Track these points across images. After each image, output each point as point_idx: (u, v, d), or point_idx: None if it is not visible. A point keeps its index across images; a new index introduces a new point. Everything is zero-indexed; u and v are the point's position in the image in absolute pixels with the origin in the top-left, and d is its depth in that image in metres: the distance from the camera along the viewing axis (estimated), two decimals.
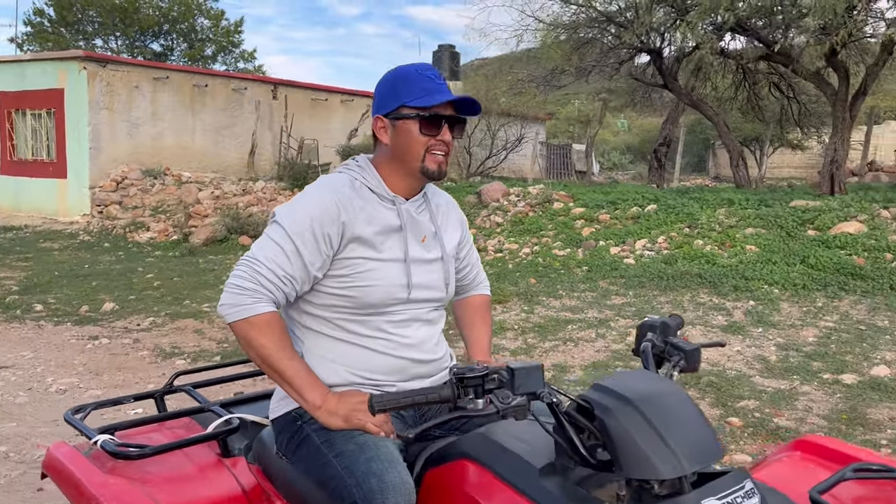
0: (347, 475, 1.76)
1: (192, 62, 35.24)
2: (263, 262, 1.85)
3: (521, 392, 1.52)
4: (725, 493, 1.46)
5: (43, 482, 4.09)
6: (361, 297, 1.92)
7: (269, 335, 1.83)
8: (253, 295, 1.83)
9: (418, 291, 1.99)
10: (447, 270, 2.07)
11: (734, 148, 14.07)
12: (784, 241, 8.77)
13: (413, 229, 2.01)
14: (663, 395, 1.56)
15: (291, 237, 1.86)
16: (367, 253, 1.92)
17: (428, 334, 2.06)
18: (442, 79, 1.97)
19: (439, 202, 2.15)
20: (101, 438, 2.15)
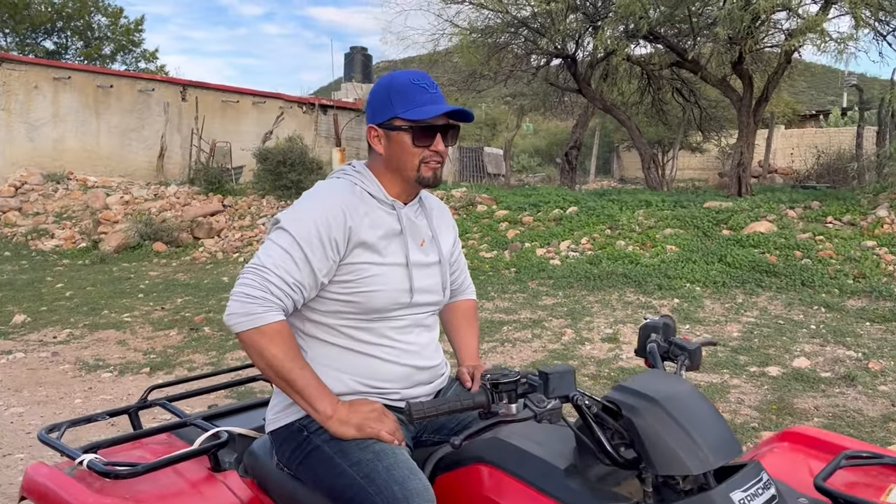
0: (368, 484, 1.74)
1: (90, 61, 33.75)
2: (272, 270, 1.81)
3: (555, 395, 1.55)
4: (748, 484, 1.53)
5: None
6: (366, 303, 1.92)
7: (279, 344, 1.80)
8: (263, 303, 1.79)
9: (420, 295, 1.99)
10: (444, 274, 2.08)
11: (645, 151, 14.58)
12: (701, 241, 9.17)
13: (413, 233, 2.02)
14: (684, 394, 1.63)
15: (299, 243, 1.84)
16: (372, 258, 1.92)
17: (428, 340, 2.07)
18: (436, 87, 1.98)
19: (433, 206, 2.17)
20: (87, 458, 2.06)
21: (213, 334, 7.24)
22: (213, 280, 10.26)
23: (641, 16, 10.83)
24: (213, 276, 10.60)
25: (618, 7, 11.25)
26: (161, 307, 8.51)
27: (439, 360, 2.11)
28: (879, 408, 4.90)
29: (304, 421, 1.91)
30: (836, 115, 27.11)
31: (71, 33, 35.08)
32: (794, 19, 11.09)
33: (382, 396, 1.96)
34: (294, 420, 1.95)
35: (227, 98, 20.01)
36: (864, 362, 5.73)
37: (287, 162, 13.46)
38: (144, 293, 9.37)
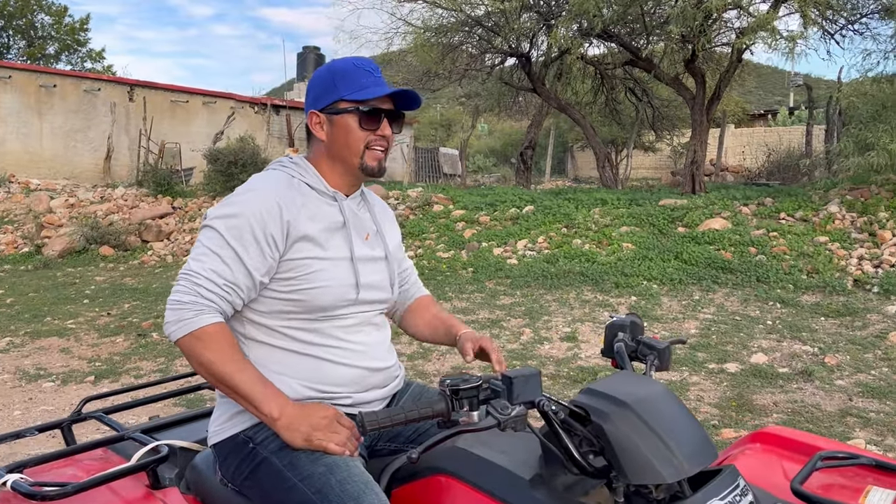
0: (320, 499, 1.62)
1: (33, 61, 32.79)
2: (200, 273, 1.71)
3: (519, 401, 1.44)
4: (726, 492, 1.44)
5: None
6: (310, 301, 1.80)
7: (215, 348, 1.68)
8: (193, 308, 1.69)
9: (367, 292, 1.88)
10: (392, 270, 1.98)
11: (600, 150, 14.64)
12: (657, 239, 9.18)
13: (356, 226, 1.91)
14: (656, 396, 1.53)
15: (229, 242, 1.73)
16: (314, 252, 1.80)
17: (379, 339, 1.95)
18: (379, 72, 1.89)
19: (374, 200, 2.07)
20: (11, 478, 1.88)
21: (162, 340, 6.99)
22: (162, 284, 9.96)
23: (595, 14, 10.83)
24: (162, 281, 10.29)
25: (571, 6, 11.25)
26: (107, 313, 8.22)
27: (393, 361, 2.00)
28: (837, 402, 4.91)
29: (249, 432, 1.78)
30: (784, 115, 27.69)
31: (13, 32, 34.10)
32: (745, 18, 11.21)
33: (334, 401, 1.84)
34: (239, 431, 1.81)
35: (176, 98, 19.56)
36: (821, 357, 5.76)
37: (238, 162, 13.18)
38: (90, 299, 9.05)
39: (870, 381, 5.24)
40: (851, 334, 6.30)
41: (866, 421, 4.57)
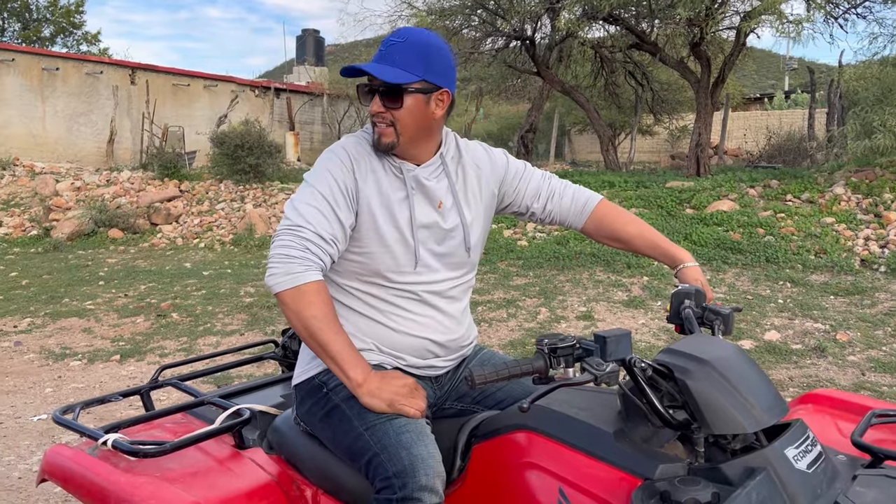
0: (381, 450, 1.74)
1: (29, 44, 32.61)
2: (306, 227, 1.79)
3: (613, 359, 1.56)
4: (799, 441, 1.57)
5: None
6: (369, 263, 1.89)
7: (318, 305, 1.75)
8: (302, 263, 1.76)
9: (429, 260, 1.94)
10: (466, 237, 1.99)
11: (604, 133, 14.73)
12: (666, 220, 9.31)
13: (425, 196, 1.94)
14: (731, 355, 1.65)
15: (324, 196, 1.82)
16: (376, 216, 1.88)
17: (449, 311, 2.00)
18: (391, 45, 1.87)
19: (469, 163, 2.04)
20: (112, 437, 2.01)
21: (182, 320, 7.10)
22: (176, 266, 10.05)
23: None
24: (174, 263, 10.39)
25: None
26: (124, 294, 8.32)
27: (461, 332, 2.04)
28: (850, 377, 5.05)
29: (323, 376, 1.88)
30: (780, 99, 27.78)
31: (7, 15, 33.85)
32: (750, 1, 11.30)
33: (400, 365, 1.94)
34: (314, 374, 1.92)
35: (177, 81, 19.55)
36: (832, 334, 5.91)
37: (245, 146, 13.21)
38: (105, 280, 9.14)
39: (881, 356, 5.39)
40: (861, 312, 6.45)
41: (880, 394, 4.72)
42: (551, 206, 2.17)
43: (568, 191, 2.19)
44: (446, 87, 1.92)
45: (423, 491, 1.68)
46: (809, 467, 1.54)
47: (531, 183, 2.16)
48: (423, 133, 1.93)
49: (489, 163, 2.10)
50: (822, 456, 1.59)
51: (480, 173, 2.07)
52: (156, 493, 1.82)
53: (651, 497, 1.48)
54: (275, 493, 1.99)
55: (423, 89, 1.87)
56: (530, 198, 2.16)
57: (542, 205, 2.17)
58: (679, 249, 2.16)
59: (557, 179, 2.22)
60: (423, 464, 1.70)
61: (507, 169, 2.13)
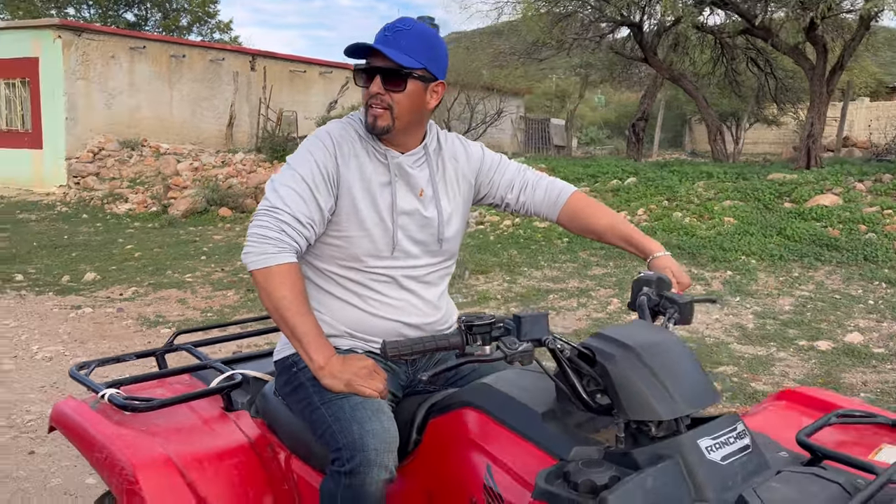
0: (334, 422, 1.82)
1: (167, 33, 34.68)
2: (283, 209, 1.85)
3: (527, 339, 1.58)
4: (719, 433, 1.54)
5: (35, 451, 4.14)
6: (347, 248, 1.95)
7: (288, 286, 1.82)
8: (277, 244, 1.84)
9: (407, 246, 1.99)
10: (441, 229, 2.04)
11: (713, 122, 14.21)
12: (762, 214, 8.93)
13: (407, 183, 2.00)
14: (662, 343, 1.64)
15: (304, 179, 1.89)
16: (356, 201, 1.94)
17: (425, 296, 2.05)
18: (395, 30, 1.91)
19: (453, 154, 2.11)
20: (109, 392, 2.20)
21: None
22: None
23: None
24: None
25: None
26: (221, 269, 8.80)
27: (437, 316, 2.09)
28: None
29: (294, 356, 1.97)
30: None
31: (150, 5, 36.06)
32: None
33: (371, 349, 1.99)
34: (289, 354, 2.02)
35: (294, 68, 20.31)
36: None
37: None
38: (207, 256, 9.69)
39: None
40: None
41: None
42: (524, 198, 2.20)
43: (542, 183, 2.21)
44: (442, 79, 1.98)
45: (372, 465, 1.75)
46: (724, 459, 1.51)
47: (505, 175, 2.20)
48: (416, 121, 1.99)
49: (465, 155, 2.15)
50: (746, 449, 1.56)
51: (458, 165, 2.13)
52: (132, 444, 1.99)
53: (556, 478, 1.50)
54: (247, 453, 2.12)
55: (424, 77, 1.92)
56: (504, 189, 2.20)
57: (516, 196, 2.20)
58: (650, 241, 2.14)
59: (533, 172, 2.25)
60: (375, 438, 1.77)
61: (483, 161, 2.18)
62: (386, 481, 1.77)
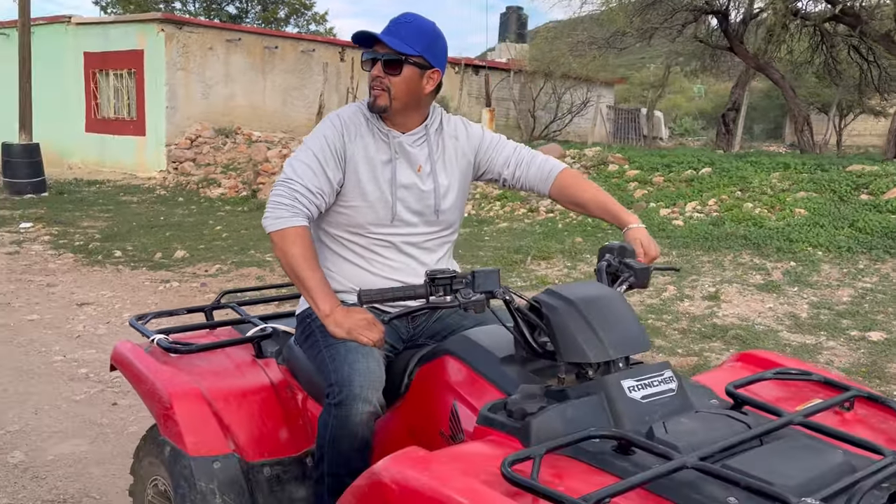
0: (330, 362, 2.12)
1: (266, 24, 36.02)
2: (296, 180, 2.18)
3: (481, 291, 1.85)
4: (643, 376, 1.76)
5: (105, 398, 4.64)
6: (353, 216, 2.25)
7: (298, 246, 2.14)
8: (290, 209, 2.16)
9: (406, 216, 2.27)
10: (438, 200, 2.31)
11: (799, 112, 13.87)
12: (835, 205, 8.77)
13: (407, 160, 2.28)
14: (601, 298, 1.87)
15: (316, 155, 2.21)
16: (360, 175, 2.24)
17: (424, 261, 2.31)
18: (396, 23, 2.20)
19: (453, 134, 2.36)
20: (157, 337, 2.58)
21: None
22: None
23: None
24: None
25: None
26: None
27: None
28: None
29: (310, 310, 2.28)
30: None
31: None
32: None
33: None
34: (305, 308, 2.34)
35: None
36: None
37: None
38: None
39: None
40: None
41: None
42: (519, 173, 2.44)
43: (536, 160, 2.45)
44: (439, 68, 2.26)
45: (357, 399, 2.04)
46: (644, 398, 1.74)
47: (503, 153, 2.44)
48: (413, 103, 2.26)
49: (466, 135, 2.41)
50: (670, 392, 1.78)
51: (458, 144, 2.39)
52: (170, 378, 2.36)
53: (498, 409, 1.77)
54: (269, 393, 2.46)
55: (419, 64, 2.20)
56: (501, 166, 2.44)
57: (512, 172, 2.45)
58: (626, 213, 2.35)
59: (528, 151, 2.48)
60: (360, 376, 2.06)
61: (483, 140, 2.44)
62: (370, 414, 2.05)
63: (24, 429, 4.23)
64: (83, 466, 3.82)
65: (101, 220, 11.73)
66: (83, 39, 18.13)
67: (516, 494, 1.38)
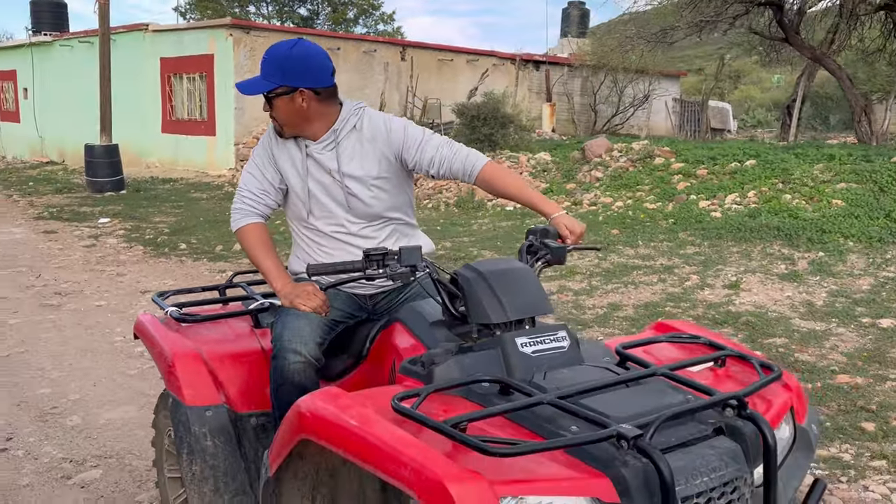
0: (276, 325, 2.60)
1: (336, 25, 37.01)
2: (244, 188, 2.73)
3: (406, 264, 2.23)
4: (536, 336, 2.10)
5: None
6: (294, 210, 2.74)
7: (251, 239, 2.70)
8: (241, 212, 2.72)
9: (318, 210, 2.67)
10: (346, 195, 2.64)
11: (856, 102, 13.63)
12: (874, 196, 8.73)
13: (316, 163, 2.65)
14: (509, 271, 2.22)
15: (256, 164, 2.73)
16: (286, 179, 2.69)
17: (358, 246, 2.63)
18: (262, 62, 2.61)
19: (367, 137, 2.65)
20: (170, 309, 3.05)
21: None
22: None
23: None
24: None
25: None
26: None
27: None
28: None
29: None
30: None
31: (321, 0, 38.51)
32: None
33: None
34: None
35: (442, 57, 21.27)
36: None
37: (481, 116, 14.33)
38: None
39: None
40: None
41: None
42: (444, 171, 2.66)
43: (459, 156, 2.65)
44: (305, 87, 2.56)
45: (286, 351, 2.49)
46: (535, 353, 2.08)
47: (426, 152, 2.65)
48: (302, 121, 2.61)
49: (386, 135, 2.67)
50: (561, 349, 2.11)
51: (375, 145, 2.67)
52: (175, 342, 2.81)
53: (416, 362, 2.14)
54: (258, 357, 2.88)
55: (283, 92, 2.54)
56: (427, 164, 2.67)
57: (437, 170, 2.67)
58: (548, 204, 2.62)
59: (450, 148, 2.67)
60: (290, 332, 2.51)
61: (405, 140, 2.67)
62: (302, 364, 2.47)
63: (83, 398, 4.82)
64: (129, 429, 4.36)
65: (172, 215, 12.53)
66: (159, 45, 19.19)
67: (402, 423, 1.75)
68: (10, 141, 24.83)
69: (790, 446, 2.06)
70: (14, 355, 5.58)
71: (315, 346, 2.51)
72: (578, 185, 11.81)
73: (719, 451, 1.72)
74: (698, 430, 1.78)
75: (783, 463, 2.00)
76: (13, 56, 24.36)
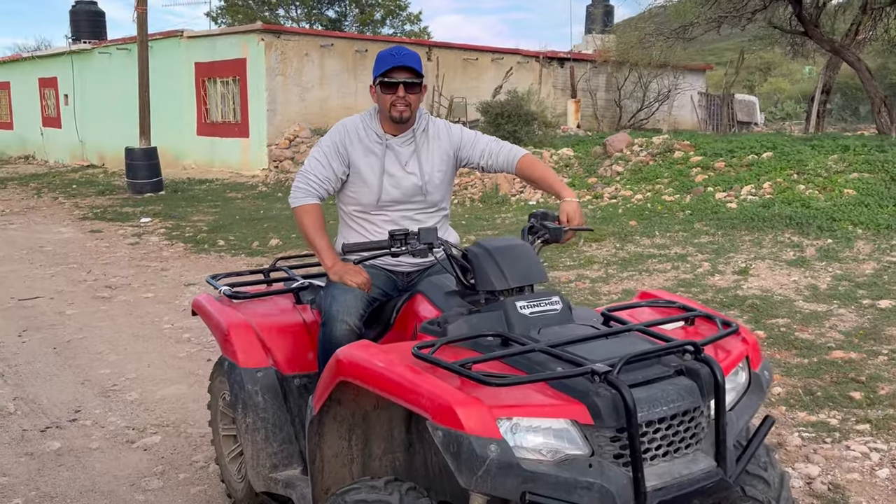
0: (325, 297, 3.01)
1: (363, 27, 37.58)
2: (309, 171, 3.08)
3: (423, 242, 2.66)
4: (533, 300, 2.52)
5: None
6: (356, 197, 3.12)
7: (309, 218, 3.07)
8: (304, 192, 3.08)
9: (390, 197, 3.07)
10: (424, 185, 3.10)
11: (876, 94, 13.79)
12: (885, 186, 8.98)
13: (396, 156, 3.08)
14: (511, 247, 2.64)
15: (324, 152, 3.09)
16: (360, 167, 3.07)
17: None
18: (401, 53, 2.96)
19: (435, 136, 3.15)
20: (223, 288, 3.52)
21: None
22: None
23: None
24: None
25: None
26: None
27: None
28: None
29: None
30: None
31: (349, 2, 39.07)
32: None
33: (375, 263, 3.12)
34: None
35: (467, 56, 21.68)
36: None
37: (504, 114, 14.73)
38: None
39: None
40: None
41: None
42: (491, 162, 3.20)
43: (503, 150, 3.19)
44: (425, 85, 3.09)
45: (334, 320, 2.92)
46: (532, 314, 2.49)
47: (477, 147, 3.19)
48: (415, 112, 3.08)
49: (447, 136, 3.18)
50: (554, 311, 2.52)
51: (440, 143, 3.17)
52: (229, 316, 3.28)
53: (434, 323, 2.57)
54: (300, 328, 3.34)
55: (422, 84, 3.06)
56: (477, 157, 3.21)
57: (486, 161, 3.21)
58: (565, 189, 3.07)
59: (496, 143, 3.21)
60: (338, 304, 2.93)
61: (462, 139, 3.20)
62: (347, 332, 2.89)
63: (139, 377, 5.32)
64: (182, 403, 4.85)
65: (209, 214, 13.10)
66: (194, 51, 19.85)
67: (420, 366, 2.18)
68: (53, 146, 25.76)
69: (745, 388, 2.46)
70: (75, 341, 6.12)
71: (358, 318, 2.92)
72: (600, 179, 12.17)
73: (678, 387, 2.13)
74: (662, 371, 2.18)
75: (739, 401, 2.40)
76: (54, 64, 25.27)
